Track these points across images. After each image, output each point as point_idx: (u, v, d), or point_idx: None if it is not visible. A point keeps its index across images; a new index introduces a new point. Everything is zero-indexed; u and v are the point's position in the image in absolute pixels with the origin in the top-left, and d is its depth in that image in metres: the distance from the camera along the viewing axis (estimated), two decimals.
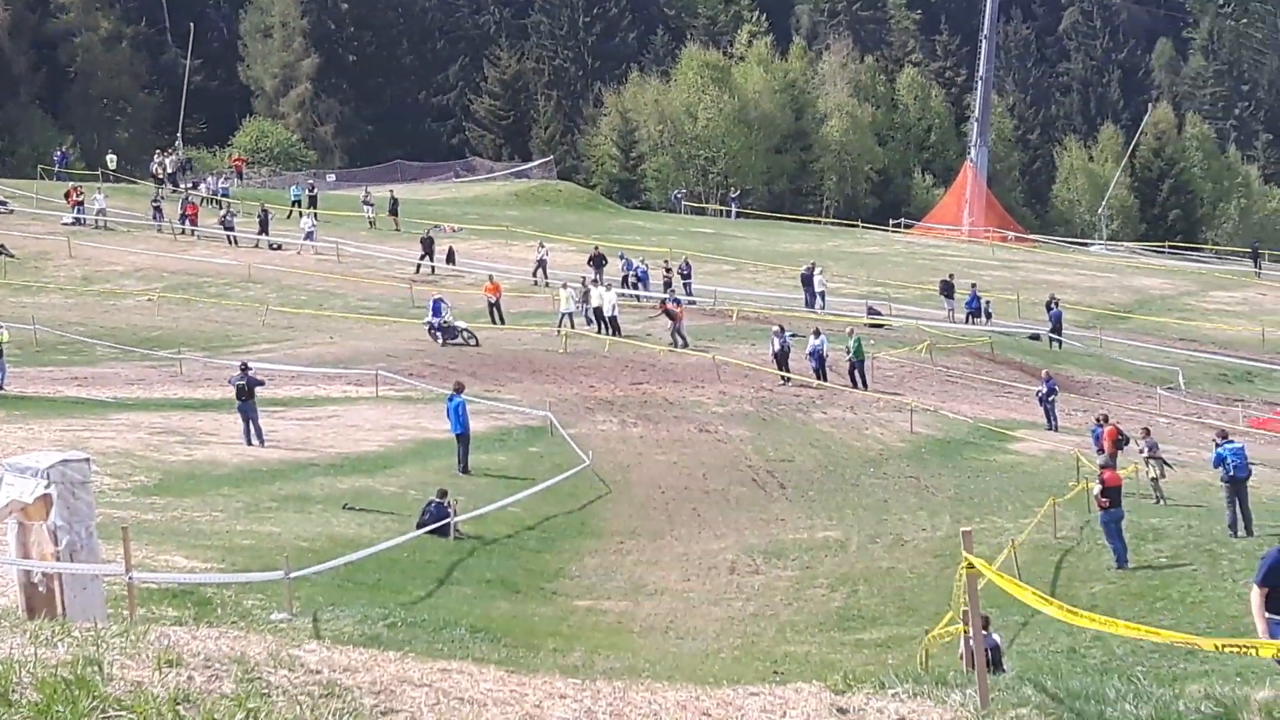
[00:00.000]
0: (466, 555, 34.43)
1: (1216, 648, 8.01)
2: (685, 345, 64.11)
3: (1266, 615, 13.99)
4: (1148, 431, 43.92)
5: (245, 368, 44.61)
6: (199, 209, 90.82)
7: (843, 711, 10.20)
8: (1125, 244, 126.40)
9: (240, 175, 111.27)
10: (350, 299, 73.39)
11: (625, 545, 37.70)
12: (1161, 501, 40.24)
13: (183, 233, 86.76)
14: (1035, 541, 35.42)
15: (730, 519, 40.12)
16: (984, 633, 23.28)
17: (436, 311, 62.77)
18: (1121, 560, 33.51)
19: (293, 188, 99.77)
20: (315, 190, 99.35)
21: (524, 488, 40.53)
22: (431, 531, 34.59)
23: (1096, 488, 34.16)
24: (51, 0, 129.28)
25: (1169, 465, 41.85)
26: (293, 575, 24.75)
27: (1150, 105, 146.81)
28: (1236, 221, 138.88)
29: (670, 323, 64.99)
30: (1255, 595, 14.04)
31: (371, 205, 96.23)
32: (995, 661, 24.58)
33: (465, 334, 62.59)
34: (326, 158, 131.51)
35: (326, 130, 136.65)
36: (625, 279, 76.83)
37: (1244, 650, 7.80)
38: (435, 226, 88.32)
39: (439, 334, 62.19)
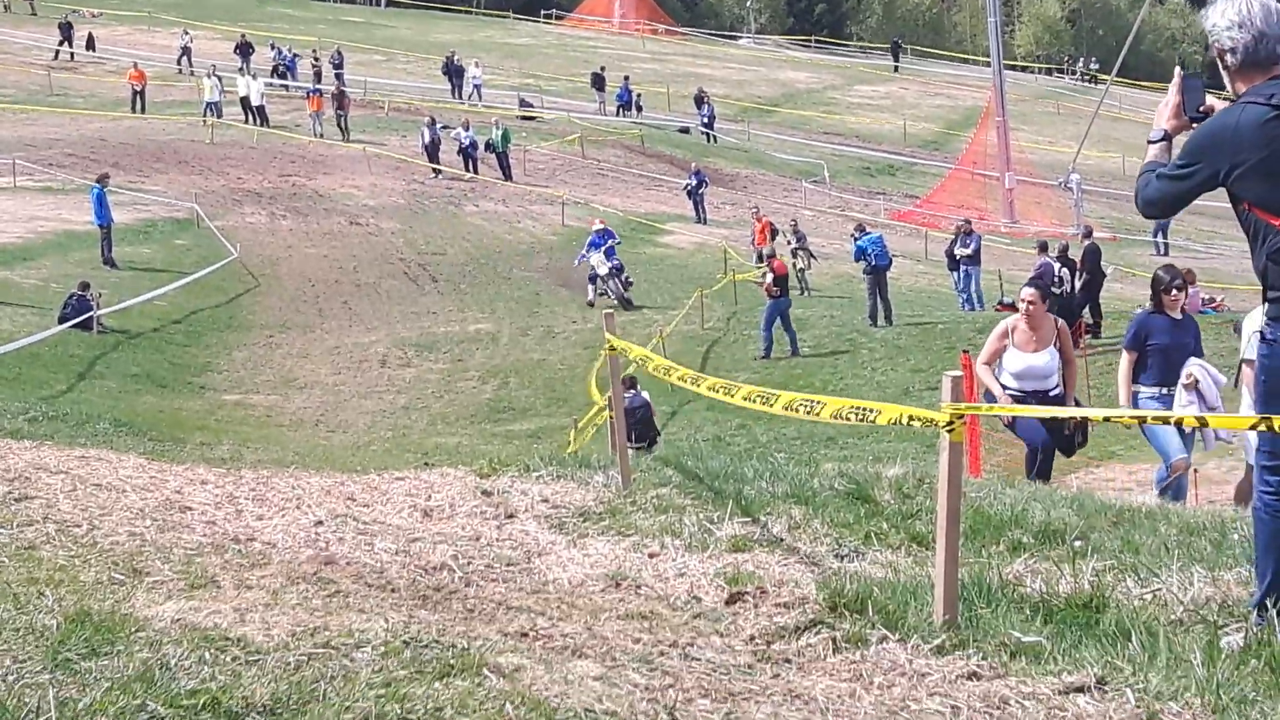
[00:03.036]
0: (110, 349, 33.96)
1: (835, 413, 8.16)
2: (346, 136, 63.83)
3: (1133, 385, 14.24)
4: (795, 224, 44.74)
5: None
6: None
7: (487, 494, 10.28)
8: (772, 37, 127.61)
9: None
10: None
11: (275, 339, 37.50)
12: (807, 293, 41.10)
13: None
14: (683, 333, 36.08)
15: (381, 312, 40.08)
16: (632, 392, 23.69)
17: (600, 246, 42.32)
18: (768, 351, 34.43)
19: None
20: None
21: (170, 281, 39.95)
22: (74, 325, 34.00)
23: (769, 276, 34.92)
24: None
25: (814, 257, 42.75)
26: None
27: None
28: (880, 16, 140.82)
29: (339, 111, 64.73)
30: (1124, 360, 14.17)
31: None
32: (647, 420, 25.03)
33: (626, 285, 42.20)
34: None
35: None
36: (275, 68, 75.53)
37: (863, 414, 7.98)
38: (74, 11, 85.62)
39: (600, 281, 42.03)
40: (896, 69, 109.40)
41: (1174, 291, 14.21)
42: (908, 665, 6.75)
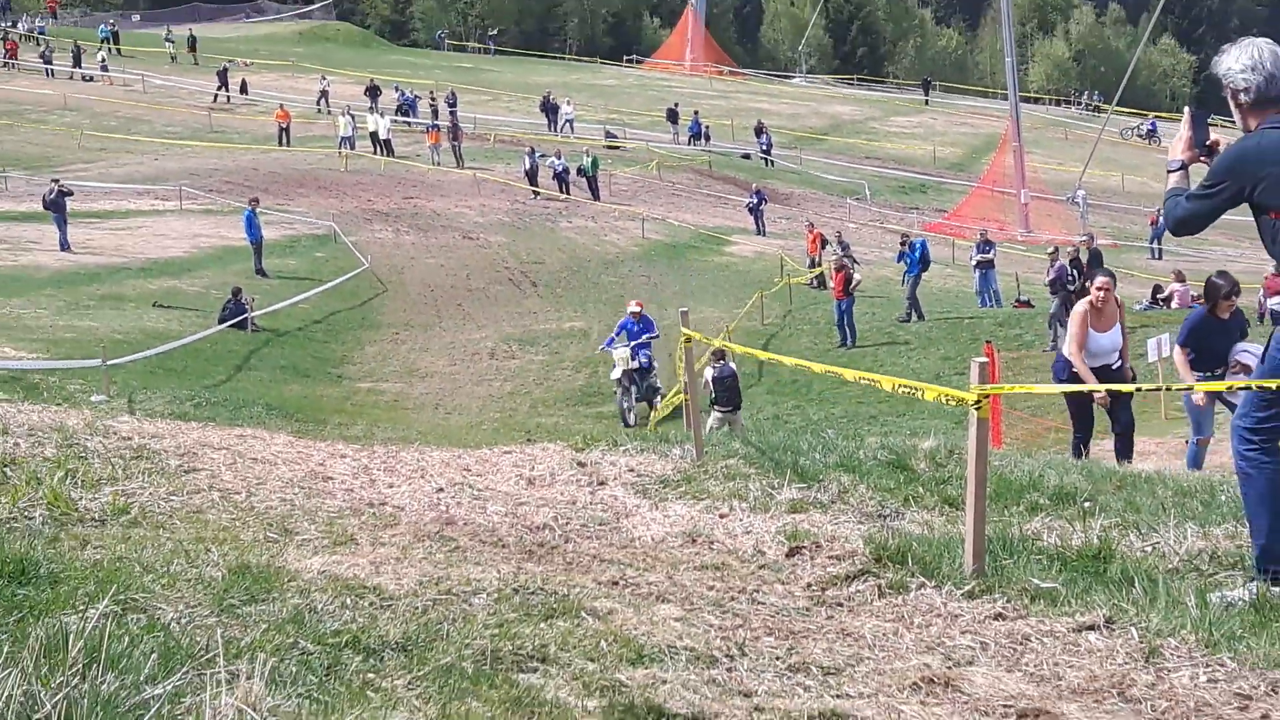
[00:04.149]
0: (262, 345, 34.20)
1: (893, 387, 8.19)
2: (460, 164, 64.21)
3: (1195, 374, 13.99)
4: (840, 235, 44.68)
5: (55, 181, 44.32)
6: (18, 45, 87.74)
7: (581, 465, 10.30)
8: (821, 77, 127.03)
9: (55, 15, 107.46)
10: (156, 125, 71.41)
11: (400, 335, 37.68)
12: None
13: (4, 66, 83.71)
14: (745, 328, 36.00)
15: (490, 313, 40.17)
16: (722, 362, 23.49)
17: (633, 336, 29.07)
18: (849, 341, 34.84)
19: (101, 26, 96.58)
20: (117, 28, 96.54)
21: (312, 287, 40.20)
22: (231, 325, 34.29)
23: (855, 279, 35.36)
24: None
25: (857, 263, 42.57)
26: (109, 363, 24.37)
27: None
28: (913, 57, 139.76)
29: (454, 142, 65.36)
30: (1178, 355, 14.05)
31: (172, 42, 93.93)
32: (734, 388, 24.88)
33: (651, 392, 29.22)
34: (132, 2, 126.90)
35: None
36: (399, 107, 75.95)
37: (912, 390, 7.98)
38: (230, 61, 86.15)
39: (625, 384, 28.64)
40: (927, 102, 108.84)
41: (1232, 298, 14.05)
42: (943, 608, 6.74)
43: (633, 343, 28.39)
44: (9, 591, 5.58)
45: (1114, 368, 14.26)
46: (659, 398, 29.30)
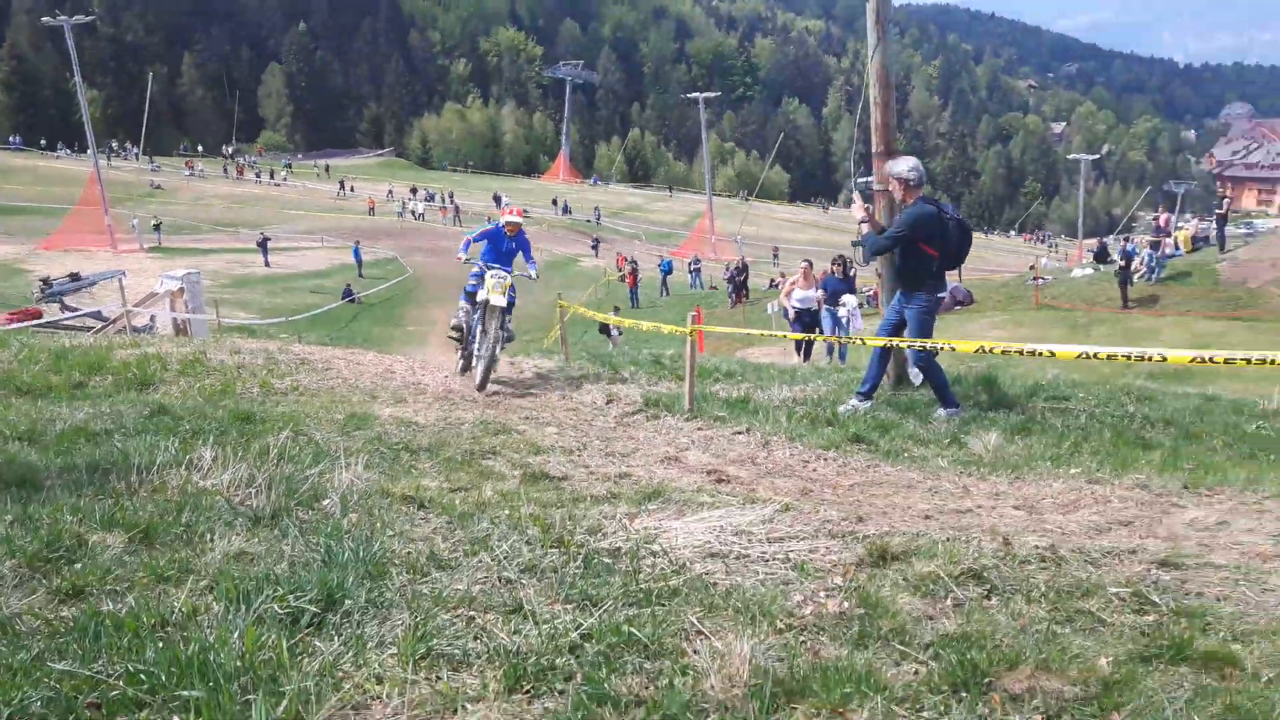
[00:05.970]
0: (362, 311, 33.19)
1: (647, 329, 8.21)
2: (456, 224, 62.59)
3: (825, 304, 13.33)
4: (633, 257, 44.20)
5: (262, 232, 43.56)
6: (244, 169, 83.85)
7: (512, 364, 10.19)
8: (623, 184, 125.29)
9: (261, 155, 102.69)
10: (308, 207, 68.49)
11: (426, 305, 35.35)
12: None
13: (236, 178, 79.93)
14: (589, 302, 35.58)
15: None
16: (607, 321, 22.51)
17: (495, 249, 9.53)
18: (635, 305, 34.18)
19: (283, 159, 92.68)
20: (290, 162, 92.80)
21: (384, 283, 38.93)
22: (347, 301, 33.20)
23: (640, 276, 34.55)
24: (178, 78, 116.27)
25: (638, 270, 42.26)
26: (290, 319, 23.56)
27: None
28: (664, 174, 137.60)
29: (455, 215, 63.54)
30: (821, 293, 13.19)
31: (318, 167, 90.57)
32: (606, 329, 24.29)
33: (508, 337, 9.33)
34: (298, 148, 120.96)
35: (298, 136, 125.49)
36: (428, 196, 73.84)
37: (659, 329, 8.00)
38: (346, 176, 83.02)
39: (485, 323, 8.83)
40: (670, 194, 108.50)
41: (833, 267, 13.77)
42: (674, 424, 6.79)
43: (507, 274, 9.34)
44: (241, 426, 5.42)
45: (813, 310, 13.81)
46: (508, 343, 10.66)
